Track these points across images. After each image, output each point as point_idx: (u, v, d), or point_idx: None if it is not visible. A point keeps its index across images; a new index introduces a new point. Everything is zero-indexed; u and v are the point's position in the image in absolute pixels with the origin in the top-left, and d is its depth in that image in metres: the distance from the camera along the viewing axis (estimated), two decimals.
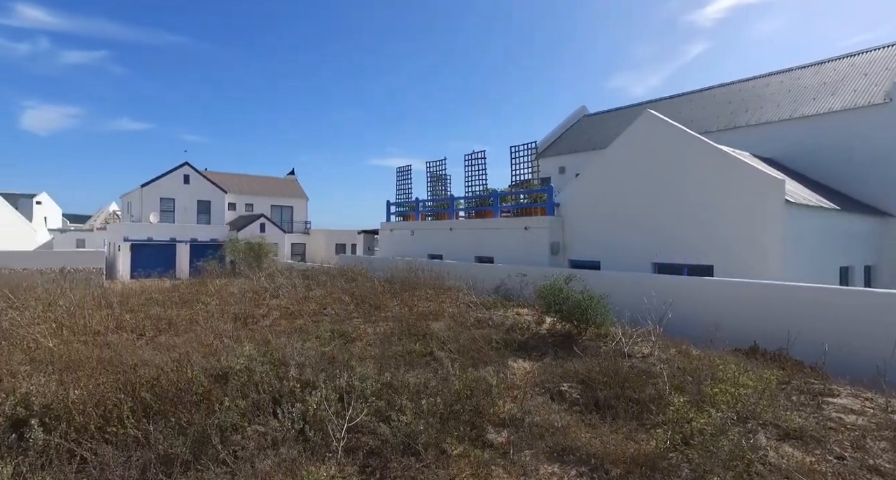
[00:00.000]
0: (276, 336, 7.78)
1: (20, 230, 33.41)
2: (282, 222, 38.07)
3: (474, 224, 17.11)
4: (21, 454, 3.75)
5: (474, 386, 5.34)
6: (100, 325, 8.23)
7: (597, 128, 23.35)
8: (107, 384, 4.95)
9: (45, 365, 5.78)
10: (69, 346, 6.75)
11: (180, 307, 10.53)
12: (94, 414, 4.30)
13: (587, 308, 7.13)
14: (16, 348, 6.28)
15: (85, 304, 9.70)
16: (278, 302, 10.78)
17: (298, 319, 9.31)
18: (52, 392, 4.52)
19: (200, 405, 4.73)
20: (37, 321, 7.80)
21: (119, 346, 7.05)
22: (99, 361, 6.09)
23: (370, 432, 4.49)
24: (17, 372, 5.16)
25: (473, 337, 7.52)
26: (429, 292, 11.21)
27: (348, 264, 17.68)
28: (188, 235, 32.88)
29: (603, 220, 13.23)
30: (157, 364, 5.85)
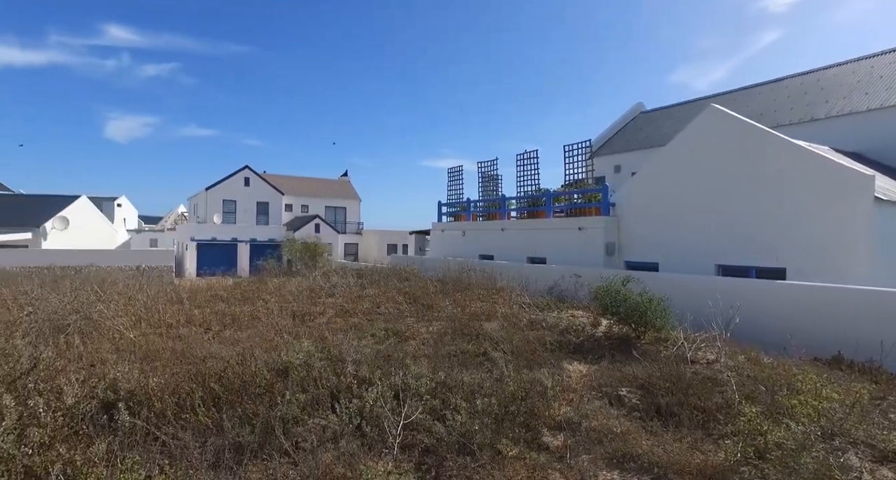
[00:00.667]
0: (332, 333, 8.01)
1: (104, 231, 36.32)
2: (335, 223, 39.21)
3: (526, 224, 16.91)
4: (111, 434, 4.05)
5: (529, 388, 5.27)
6: (172, 319, 8.78)
7: (654, 126, 22.43)
8: (180, 374, 5.27)
9: (128, 354, 6.24)
10: (147, 338, 7.25)
11: (242, 304, 11.07)
12: (171, 402, 4.58)
13: (646, 310, 6.86)
14: (104, 338, 6.81)
15: (159, 300, 10.42)
16: (333, 301, 11.10)
17: (353, 317, 9.54)
18: (134, 379, 4.87)
19: (264, 397, 4.94)
20: (119, 314, 8.43)
21: (189, 339, 7.50)
22: (172, 352, 6.50)
23: (425, 430, 4.52)
24: (105, 360, 5.60)
25: (527, 339, 7.42)
26: (481, 292, 11.19)
27: (400, 264, 17.94)
28: (248, 235, 34.49)
29: (662, 220, 12.70)
30: (223, 357, 6.17)
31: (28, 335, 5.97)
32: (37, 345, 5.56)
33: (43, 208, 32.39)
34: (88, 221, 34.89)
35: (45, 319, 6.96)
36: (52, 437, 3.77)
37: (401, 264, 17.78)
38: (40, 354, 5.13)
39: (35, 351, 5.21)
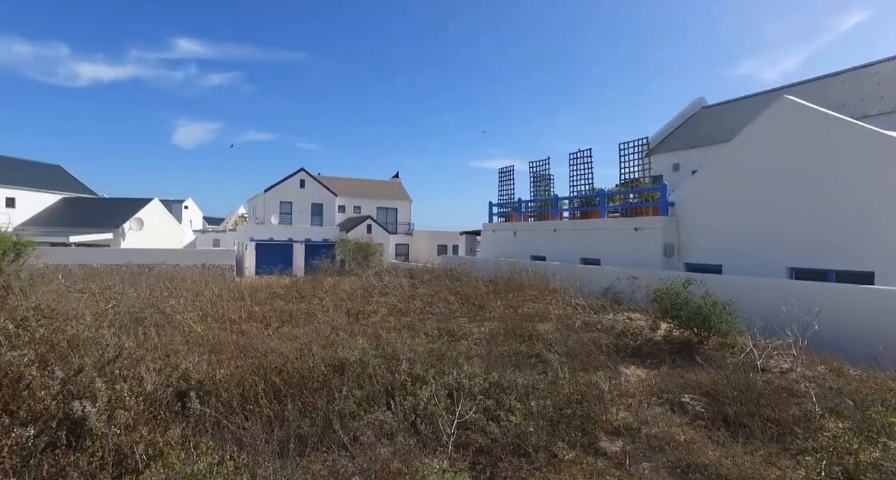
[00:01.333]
0: (386, 331, 8.16)
1: (173, 231, 38.86)
2: (387, 223, 39.95)
3: (579, 224, 16.53)
4: (184, 420, 4.32)
5: (585, 391, 5.13)
6: (235, 315, 9.23)
7: (717, 121, 21.26)
8: (244, 367, 5.53)
9: (197, 346, 6.62)
10: (212, 332, 7.67)
11: (299, 301, 11.49)
12: (236, 393, 4.82)
13: (710, 314, 6.51)
14: (175, 330, 7.27)
15: (223, 297, 10.99)
16: (386, 300, 11.30)
17: (405, 316, 9.67)
18: (203, 370, 5.16)
19: (321, 391, 5.09)
20: (188, 309, 8.97)
21: (250, 334, 7.87)
22: (236, 346, 6.84)
23: (479, 430, 4.50)
24: (177, 351, 5.97)
25: (582, 341, 7.24)
26: (533, 293, 11.04)
27: (451, 264, 18.02)
28: (303, 236, 35.76)
29: (726, 220, 12.02)
30: (282, 352, 6.43)
31: (112, 326, 6.46)
32: (119, 335, 6.00)
33: (121, 210, 35.08)
34: (160, 222, 37.40)
35: (126, 312, 7.51)
36: (136, 420, 4.05)
37: (452, 264, 17.85)
38: (123, 343, 5.54)
39: (118, 341, 5.63)
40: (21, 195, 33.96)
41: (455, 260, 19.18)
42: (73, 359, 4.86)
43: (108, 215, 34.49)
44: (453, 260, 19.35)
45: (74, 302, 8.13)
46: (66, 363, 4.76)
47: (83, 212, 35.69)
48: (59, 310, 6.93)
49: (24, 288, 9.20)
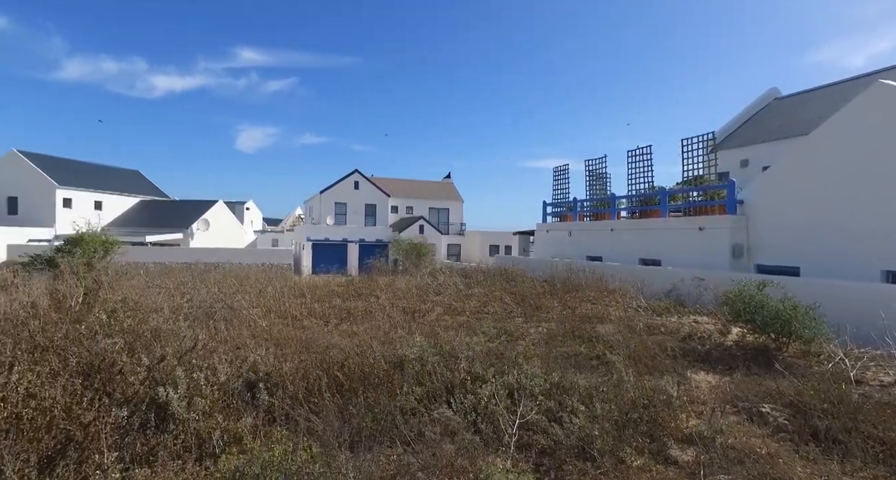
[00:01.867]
0: (442, 330, 8.18)
1: (235, 231, 41.00)
2: (439, 224, 40.23)
3: (638, 224, 15.92)
4: (254, 409, 4.51)
5: (651, 396, 4.91)
6: (296, 311, 9.56)
7: (792, 113, 19.78)
8: (308, 361, 5.71)
9: (262, 340, 6.92)
10: (276, 327, 7.98)
11: (356, 299, 11.76)
12: (301, 386, 4.97)
13: (790, 319, 6.04)
14: (242, 325, 7.63)
15: (284, 294, 11.43)
16: (441, 299, 11.35)
17: (461, 316, 9.66)
18: (270, 363, 5.37)
19: (382, 387, 5.16)
20: (253, 305, 9.40)
21: (311, 330, 8.12)
22: (299, 341, 7.08)
23: (541, 431, 4.40)
24: (245, 344, 6.26)
25: (645, 344, 6.95)
26: (591, 294, 10.74)
27: (505, 264, 17.87)
28: (357, 236, 36.63)
29: (804, 219, 11.17)
30: (342, 347, 6.59)
31: (187, 319, 6.87)
32: (193, 328, 6.37)
33: (190, 212, 37.42)
34: (224, 223, 39.56)
35: (198, 306, 7.97)
36: (211, 407, 4.27)
37: (505, 264, 17.70)
38: (197, 336, 5.88)
39: (193, 333, 5.98)
40: (106, 198, 36.96)
41: (509, 261, 19.01)
42: (156, 348, 5.20)
43: (179, 216, 36.89)
44: (507, 261, 19.18)
45: (153, 296, 8.73)
46: (150, 351, 5.10)
47: (157, 213, 38.37)
48: (142, 304, 7.46)
49: (112, 283, 9.99)
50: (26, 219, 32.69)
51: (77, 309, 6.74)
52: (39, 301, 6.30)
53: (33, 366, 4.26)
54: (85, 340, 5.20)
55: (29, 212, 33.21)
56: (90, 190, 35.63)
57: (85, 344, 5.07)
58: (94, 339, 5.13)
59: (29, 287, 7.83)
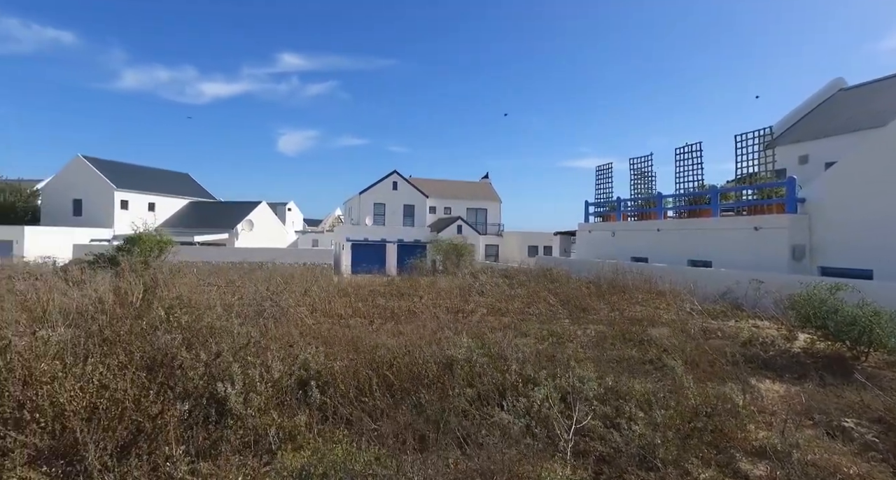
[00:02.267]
0: (488, 331, 8.08)
1: (278, 232, 42.21)
2: (476, 224, 40.11)
3: (687, 224, 15.32)
4: (306, 407, 4.54)
5: (715, 404, 4.64)
6: (341, 310, 9.66)
7: (861, 104, 18.40)
8: (358, 360, 5.72)
9: (310, 338, 7.01)
10: (322, 325, 8.09)
11: (398, 299, 11.81)
12: (352, 385, 4.98)
13: (871, 326, 5.59)
14: (290, 323, 7.76)
15: (329, 293, 11.60)
16: (484, 300, 11.24)
17: (505, 316, 9.52)
18: (321, 361, 5.41)
19: (433, 388, 5.11)
20: (299, 303, 9.56)
21: (357, 329, 8.18)
22: (346, 339, 7.14)
23: (599, 437, 4.23)
24: (296, 342, 6.34)
25: (702, 348, 6.61)
26: (639, 296, 10.38)
27: (547, 265, 17.58)
28: (395, 236, 36.99)
29: (878, 219, 10.39)
30: (389, 347, 6.59)
31: (239, 316, 7.04)
32: (245, 325, 6.51)
33: (235, 213, 38.76)
34: (267, 223, 40.77)
35: (248, 304, 8.17)
36: (266, 403, 4.33)
37: (547, 265, 17.41)
38: (250, 333, 6.00)
39: (245, 330, 6.11)
40: (159, 200, 38.78)
41: (550, 261, 18.69)
42: (212, 344, 5.34)
43: (224, 217, 38.27)
44: (548, 261, 18.86)
45: (205, 293, 9.02)
46: (206, 347, 5.23)
47: (205, 214, 39.94)
48: (196, 301, 7.71)
49: (166, 281, 10.42)
50: (89, 220, 34.72)
51: (138, 304, 7.04)
52: (105, 297, 6.62)
53: (104, 359, 4.44)
54: (146, 335, 5.40)
55: (91, 214, 35.26)
56: (144, 192, 37.47)
57: (147, 339, 5.26)
58: (155, 334, 5.31)
59: (95, 283, 8.25)
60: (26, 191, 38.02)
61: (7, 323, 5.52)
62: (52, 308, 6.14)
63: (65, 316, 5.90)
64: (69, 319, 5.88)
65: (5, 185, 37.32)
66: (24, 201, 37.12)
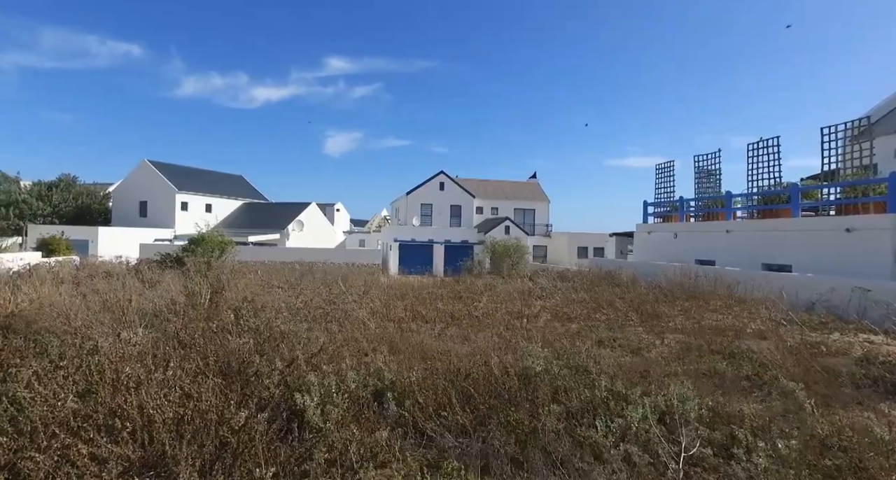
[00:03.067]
0: (556, 337, 7.64)
1: (326, 232, 43.00)
2: (524, 224, 39.38)
3: (762, 225, 14.21)
4: (383, 420, 4.28)
5: (851, 436, 4.02)
6: (401, 313, 9.46)
7: None
8: (431, 369, 5.44)
9: (376, 343, 6.81)
10: (385, 329, 7.89)
11: (457, 302, 11.51)
12: (431, 398, 4.68)
13: None
14: (353, 327, 7.60)
15: (387, 294, 11.44)
16: (545, 304, 10.77)
17: (571, 322, 9.03)
18: (394, 370, 5.16)
19: (516, 403, 4.75)
20: (359, 306, 9.42)
21: (421, 334, 7.93)
22: (412, 346, 6.89)
23: (712, 468, 3.74)
24: (364, 349, 6.14)
25: (808, 365, 5.91)
26: (717, 303, 9.61)
27: (604, 267, 16.84)
28: (443, 237, 36.79)
29: None
30: (457, 353, 6.29)
31: (306, 320, 6.93)
32: (312, 329, 6.37)
33: (286, 213, 39.76)
34: (316, 224, 41.62)
35: (313, 307, 8.09)
36: (344, 416, 4.10)
37: (605, 267, 16.67)
38: (319, 338, 5.85)
39: (314, 335, 5.96)
40: (216, 201, 40.36)
41: (607, 263, 17.89)
42: (284, 350, 5.20)
43: (276, 218, 39.34)
44: (605, 263, 18.07)
45: (270, 296, 9.04)
46: (279, 352, 5.09)
47: (257, 215, 41.22)
48: (263, 303, 7.69)
49: (229, 281, 10.58)
50: (153, 221, 36.58)
51: (206, 306, 7.06)
52: (178, 298, 6.67)
53: (182, 363, 4.35)
54: (217, 338, 5.33)
55: (154, 215, 37.13)
56: (202, 194, 39.08)
57: (219, 343, 5.18)
58: (226, 338, 5.23)
59: (165, 283, 8.40)
60: (100, 194, 40.54)
61: (92, 324, 5.60)
62: (131, 308, 6.21)
63: (142, 317, 5.94)
64: (146, 320, 5.91)
65: (83, 189, 39.90)
66: (98, 203, 39.60)
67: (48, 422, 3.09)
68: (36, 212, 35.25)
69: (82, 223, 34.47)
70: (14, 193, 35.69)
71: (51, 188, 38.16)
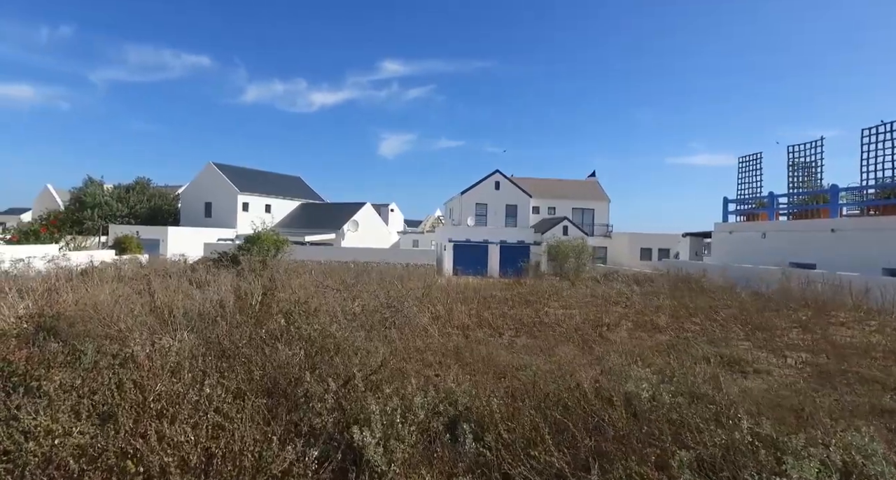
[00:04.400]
0: (648, 352, 6.50)
1: (381, 232, 43.01)
2: (583, 225, 37.54)
3: (880, 223, 12.20)
4: (459, 460, 3.40)
5: None
6: (465, 318, 8.57)
7: None
8: (517, 393, 4.52)
9: (441, 355, 5.97)
10: (449, 338, 7.03)
11: (523, 306, 10.50)
12: (519, 432, 3.75)
13: None
14: (414, 335, 6.80)
15: (449, 296, 10.59)
16: (623, 311, 9.55)
17: (658, 333, 7.82)
18: (467, 391, 4.28)
19: (622, 442, 3.73)
20: (420, 309, 8.60)
21: (489, 344, 7.03)
22: (480, 358, 6.00)
23: None
24: (429, 362, 5.31)
25: None
26: (843, 315, 8.05)
27: (680, 269, 15.24)
28: (498, 237, 35.59)
29: None
30: (537, 370, 5.33)
31: (363, 326, 6.20)
32: (371, 338, 5.61)
33: (341, 214, 40.05)
34: (371, 224, 41.67)
35: (370, 311, 7.37)
36: (412, 456, 3.26)
37: (681, 269, 15.07)
38: (378, 348, 5.07)
39: (371, 345, 5.19)
40: (274, 202, 41.36)
41: (684, 266, 16.18)
42: (338, 363, 4.45)
43: (332, 218, 39.71)
44: (681, 265, 16.37)
45: (322, 296, 8.44)
46: (333, 367, 4.35)
47: (314, 215, 41.84)
48: (316, 307, 7.06)
49: (283, 282, 10.15)
50: (217, 221, 37.94)
51: (257, 308, 6.49)
52: (227, 299, 6.14)
53: (221, 380, 3.68)
54: (266, 347, 4.66)
55: (218, 215, 38.51)
56: (262, 195, 40.13)
57: (266, 353, 4.50)
58: (275, 346, 4.54)
59: (219, 283, 7.98)
60: (170, 196, 42.67)
61: (134, 327, 5.12)
62: (178, 310, 5.71)
63: (189, 320, 5.41)
64: (192, 323, 5.37)
65: (155, 191, 42.17)
66: (168, 204, 41.70)
67: (50, 458, 2.45)
68: (115, 213, 37.51)
69: (154, 223, 36.29)
70: (98, 196, 38.16)
71: (128, 190, 40.54)
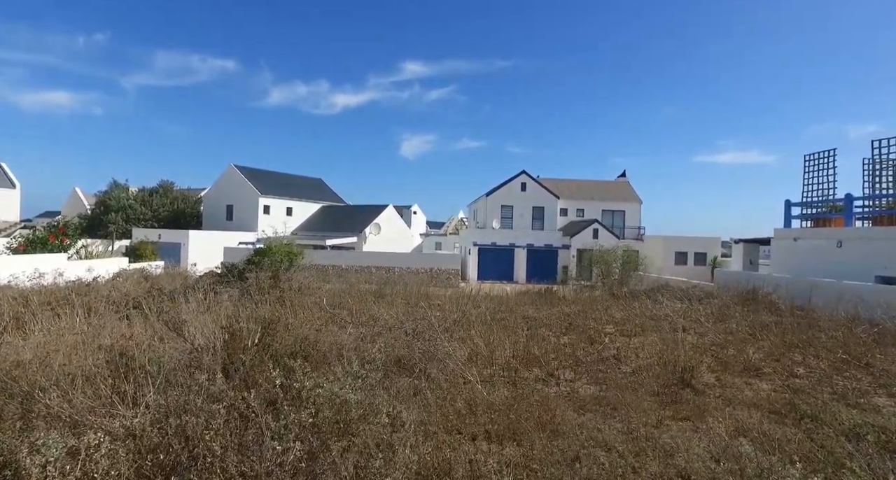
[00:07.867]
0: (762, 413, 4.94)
1: (403, 235, 41.77)
2: (613, 227, 35.49)
3: None
4: None
5: None
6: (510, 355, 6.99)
7: None
8: None
9: (487, 419, 4.52)
10: (495, 388, 5.55)
11: (569, 331, 8.93)
12: None
13: None
14: (450, 386, 5.35)
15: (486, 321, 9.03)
16: (695, 339, 7.89)
17: (757, 379, 6.19)
18: None
19: None
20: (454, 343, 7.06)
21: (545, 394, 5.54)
22: (540, 423, 4.53)
23: None
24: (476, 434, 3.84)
25: None
26: None
27: (737, 282, 13.44)
28: (524, 240, 33.92)
29: None
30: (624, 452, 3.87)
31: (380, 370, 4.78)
32: (394, 403, 4.17)
33: (363, 216, 38.91)
34: (393, 227, 40.44)
35: (390, 348, 5.97)
36: None
37: (739, 282, 13.26)
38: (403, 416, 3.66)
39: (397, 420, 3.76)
40: (295, 205, 40.54)
41: (743, 278, 14.23)
42: (350, 465, 3.04)
43: (353, 220, 38.61)
44: (738, 277, 14.44)
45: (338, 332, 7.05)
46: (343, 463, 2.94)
47: (335, 218, 40.85)
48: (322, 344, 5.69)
49: (295, 301, 8.85)
50: (238, 224, 37.27)
51: (253, 351, 5.15)
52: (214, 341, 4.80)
53: None
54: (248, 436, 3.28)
55: (240, 218, 37.84)
56: (283, 197, 39.32)
57: (251, 449, 3.12)
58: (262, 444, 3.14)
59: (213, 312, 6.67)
60: (192, 199, 42.18)
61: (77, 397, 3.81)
62: (145, 362, 4.40)
63: (153, 379, 4.08)
64: (157, 384, 4.03)
65: (178, 194, 41.67)
66: (191, 207, 41.14)
67: None
68: (139, 217, 37.15)
69: (177, 226, 35.75)
70: (123, 199, 37.89)
71: (151, 194, 40.15)
